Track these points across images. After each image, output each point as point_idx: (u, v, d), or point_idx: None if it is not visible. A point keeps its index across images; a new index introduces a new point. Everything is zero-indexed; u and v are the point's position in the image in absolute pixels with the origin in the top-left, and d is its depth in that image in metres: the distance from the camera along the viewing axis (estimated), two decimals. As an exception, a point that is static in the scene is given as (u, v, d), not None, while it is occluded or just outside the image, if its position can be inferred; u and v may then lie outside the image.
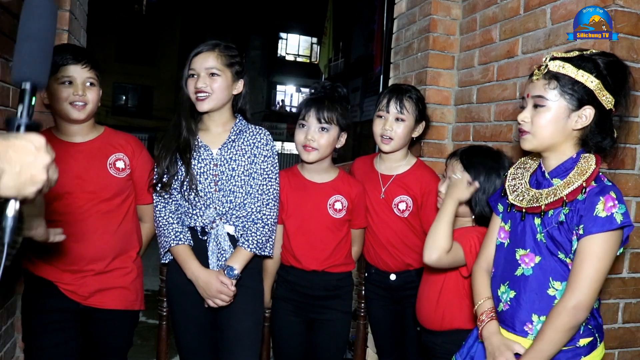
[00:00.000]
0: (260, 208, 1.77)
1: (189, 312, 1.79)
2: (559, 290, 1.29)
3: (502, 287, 1.40)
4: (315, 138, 1.86)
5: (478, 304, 1.45)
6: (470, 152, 1.74)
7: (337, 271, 1.92)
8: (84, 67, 1.71)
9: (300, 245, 1.89)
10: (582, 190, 1.25)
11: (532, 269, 1.33)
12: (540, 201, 1.31)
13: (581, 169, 1.29)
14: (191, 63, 1.75)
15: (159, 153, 1.79)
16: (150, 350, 3.23)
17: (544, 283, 1.31)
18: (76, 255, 1.72)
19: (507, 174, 1.49)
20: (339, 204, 1.91)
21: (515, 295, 1.35)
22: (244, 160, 1.78)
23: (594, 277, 1.23)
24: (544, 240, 1.32)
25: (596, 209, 1.23)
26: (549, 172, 1.36)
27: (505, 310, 1.38)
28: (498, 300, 1.41)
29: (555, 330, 1.24)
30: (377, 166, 2.08)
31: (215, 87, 1.74)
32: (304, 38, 22.91)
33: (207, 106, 1.75)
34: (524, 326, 1.33)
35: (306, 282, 1.90)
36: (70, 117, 1.71)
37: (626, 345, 1.69)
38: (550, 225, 1.30)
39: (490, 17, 2.22)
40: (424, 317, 1.75)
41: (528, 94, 1.35)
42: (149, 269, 2.24)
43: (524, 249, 1.35)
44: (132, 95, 20.77)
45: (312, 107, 1.87)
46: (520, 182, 1.42)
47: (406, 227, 1.98)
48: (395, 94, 1.99)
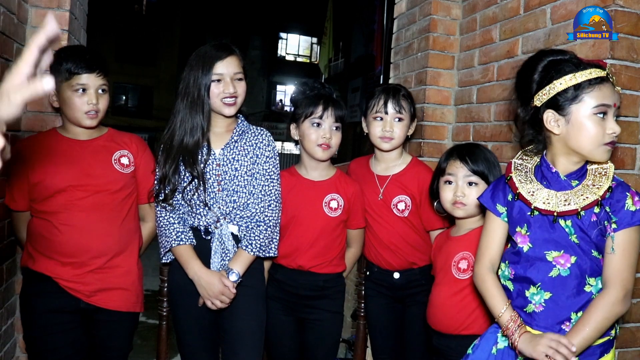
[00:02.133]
0: (263, 209, 1.77)
1: (191, 312, 1.78)
2: (594, 286, 1.34)
3: (533, 289, 1.39)
4: (331, 136, 1.88)
5: (501, 312, 1.41)
6: (468, 148, 1.74)
7: (324, 272, 1.91)
8: (97, 75, 1.73)
9: (288, 242, 1.89)
10: (609, 189, 1.31)
11: (569, 269, 1.34)
12: (574, 204, 1.32)
13: (598, 170, 1.35)
14: (214, 68, 1.71)
15: (162, 159, 1.76)
16: (150, 350, 3.23)
17: (582, 281, 1.34)
18: (79, 247, 1.72)
19: (511, 178, 1.45)
20: (334, 202, 1.91)
21: (551, 296, 1.36)
22: (246, 160, 1.78)
23: (633, 266, 1.32)
24: (576, 241, 1.34)
25: (626, 204, 1.30)
26: (566, 175, 1.37)
27: (538, 312, 1.38)
28: (527, 302, 1.40)
29: (605, 319, 1.29)
30: (372, 167, 2.07)
31: (242, 91, 1.76)
32: (304, 38, 22.91)
33: (234, 110, 1.76)
34: (561, 325, 1.35)
35: (292, 281, 1.90)
36: (82, 124, 1.75)
37: (626, 345, 1.69)
38: (585, 226, 1.32)
39: (490, 17, 2.22)
40: (438, 320, 1.73)
41: (615, 104, 1.31)
42: (149, 269, 2.24)
43: (557, 251, 1.36)
44: (132, 95, 20.77)
45: (329, 106, 1.87)
46: (534, 186, 1.40)
47: (407, 226, 1.98)
48: (391, 94, 1.97)
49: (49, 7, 2.05)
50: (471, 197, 1.69)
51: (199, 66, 1.72)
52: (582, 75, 1.29)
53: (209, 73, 1.71)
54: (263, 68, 21.99)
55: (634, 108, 1.65)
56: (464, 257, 1.70)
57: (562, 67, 1.32)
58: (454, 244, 1.75)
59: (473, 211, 1.71)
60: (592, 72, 1.29)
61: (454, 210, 1.73)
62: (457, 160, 1.73)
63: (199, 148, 1.73)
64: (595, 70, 1.30)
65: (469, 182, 1.71)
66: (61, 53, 1.74)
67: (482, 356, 1.47)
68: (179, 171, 1.73)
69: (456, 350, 1.66)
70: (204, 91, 1.71)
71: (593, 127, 1.29)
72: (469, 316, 1.67)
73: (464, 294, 1.68)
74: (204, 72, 1.71)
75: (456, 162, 1.73)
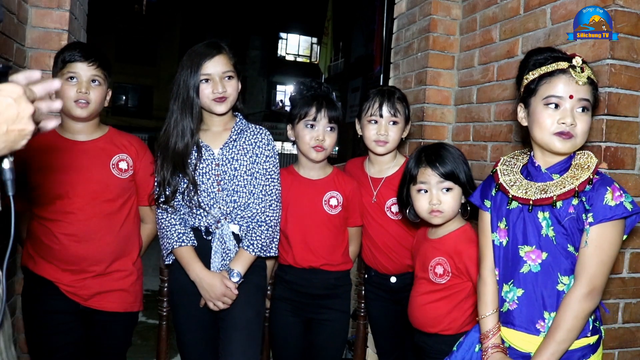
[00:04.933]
0: (264, 209, 1.77)
1: (192, 313, 1.78)
2: (567, 285, 1.31)
3: (506, 286, 1.39)
4: (324, 138, 1.87)
5: (485, 314, 1.43)
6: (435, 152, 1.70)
7: (335, 270, 1.92)
8: (90, 64, 1.71)
9: (297, 242, 1.89)
10: (589, 182, 1.29)
11: (540, 265, 1.34)
12: (550, 192, 1.32)
13: (581, 163, 1.34)
14: (202, 68, 1.69)
15: (159, 162, 1.75)
16: (150, 350, 3.23)
17: (553, 279, 1.32)
18: (77, 256, 1.72)
19: (496, 171, 1.48)
20: (334, 200, 1.91)
21: (523, 293, 1.35)
22: (245, 159, 1.77)
23: (606, 263, 1.28)
24: (552, 234, 1.33)
25: (605, 198, 1.27)
26: (547, 168, 1.37)
27: (512, 309, 1.38)
28: (502, 300, 1.41)
29: (574, 318, 1.27)
30: (366, 169, 2.06)
31: (232, 90, 1.74)
32: (304, 38, 22.91)
33: (225, 108, 1.75)
34: (535, 324, 1.34)
35: (304, 281, 1.90)
36: (72, 114, 1.72)
37: (626, 345, 1.69)
38: (562, 217, 1.31)
39: (490, 17, 2.22)
40: (417, 319, 1.75)
41: (571, 96, 1.31)
42: (149, 269, 2.24)
43: (529, 246, 1.35)
44: (132, 95, 20.78)
45: (323, 108, 1.86)
46: (516, 177, 1.42)
47: (401, 229, 1.97)
48: (386, 97, 1.95)
49: (49, 7, 2.05)
50: (447, 203, 1.67)
51: (188, 66, 1.71)
52: (542, 69, 1.35)
53: (197, 73, 1.70)
54: (263, 68, 21.98)
55: (634, 108, 1.65)
56: (440, 262, 1.69)
57: (534, 63, 1.38)
58: (431, 247, 1.74)
59: (450, 216, 1.70)
60: (552, 66, 1.34)
61: (431, 219, 1.70)
62: (427, 167, 1.68)
63: (188, 151, 1.72)
64: (557, 64, 1.33)
65: (443, 189, 1.67)
66: (62, 49, 1.75)
67: (465, 354, 1.49)
68: (177, 173, 1.73)
69: (434, 347, 1.69)
70: (192, 92, 1.70)
71: (542, 117, 1.34)
72: (445, 317, 1.68)
73: (439, 297, 1.69)
74: (192, 73, 1.70)
75: (427, 170, 1.68)
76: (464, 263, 1.65)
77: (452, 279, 1.67)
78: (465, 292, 1.67)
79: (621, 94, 1.61)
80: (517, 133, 2.02)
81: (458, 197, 1.69)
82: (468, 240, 1.67)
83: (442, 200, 1.67)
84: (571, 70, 1.31)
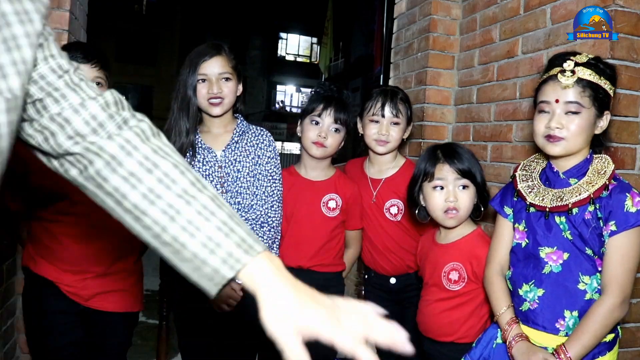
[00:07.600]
0: (266, 210, 1.77)
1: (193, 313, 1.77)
2: (588, 285, 1.33)
3: (526, 286, 1.40)
4: (327, 136, 1.87)
5: (500, 312, 1.44)
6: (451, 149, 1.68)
7: (324, 270, 1.90)
8: (93, 66, 1.70)
9: (289, 242, 1.89)
10: (606, 188, 1.30)
11: (561, 265, 1.35)
12: (565, 200, 1.33)
13: (598, 168, 1.35)
14: (200, 69, 1.71)
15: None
16: (150, 350, 3.22)
17: (574, 278, 1.34)
18: (78, 256, 1.72)
19: (515, 176, 1.49)
20: (333, 202, 1.91)
21: (544, 293, 1.36)
22: (248, 161, 1.77)
23: (633, 270, 1.30)
24: (570, 237, 1.34)
25: (625, 205, 1.28)
26: (563, 172, 1.38)
27: (533, 309, 1.38)
28: (521, 300, 1.41)
29: (605, 327, 1.29)
30: (366, 170, 2.05)
31: (228, 92, 1.74)
32: (304, 38, 22.92)
33: (221, 110, 1.74)
34: (555, 323, 1.35)
35: None
36: None
37: (626, 345, 1.69)
38: (578, 223, 1.32)
39: (490, 17, 2.22)
40: (429, 328, 1.69)
41: (557, 100, 1.34)
42: (149, 269, 2.23)
43: (550, 247, 1.37)
44: (132, 95, 20.76)
45: (330, 106, 1.87)
46: (534, 183, 1.44)
47: (401, 230, 1.96)
48: (389, 97, 1.94)
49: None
50: (463, 201, 1.62)
51: (188, 66, 1.73)
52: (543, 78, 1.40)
53: (195, 73, 1.71)
54: (263, 68, 21.99)
55: (634, 108, 1.65)
56: (455, 268, 1.64)
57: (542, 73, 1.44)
58: (442, 252, 1.69)
59: (464, 217, 1.65)
60: (546, 74, 1.39)
61: (445, 221, 1.65)
62: (445, 163, 1.64)
63: (183, 150, 1.73)
64: (552, 70, 1.37)
65: (460, 186, 1.63)
66: (62, 48, 1.74)
67: (483, 350, 1.50)
68: None
69: (448, 355, 1.64)
70: (190, 91, 1.72)
71: (535, 122, 1.40)
72: (461, 325, 1.63)
73: (455, 304, 1.64)
74: (191, 73, 1.72)
75: (445, 166, 1.63)
76: (482, 268, 1.58)
77: (468, 284, 1.62)
78: (481, 297, 1.62)
79: (621, 94, 1.61)
80: (517, 133, 2.02)
81: (473, 197, 1.65)
82: (486, 243, 1.61)
83: (458, 197, 1.62)
84: (559, 74, 1.33)
